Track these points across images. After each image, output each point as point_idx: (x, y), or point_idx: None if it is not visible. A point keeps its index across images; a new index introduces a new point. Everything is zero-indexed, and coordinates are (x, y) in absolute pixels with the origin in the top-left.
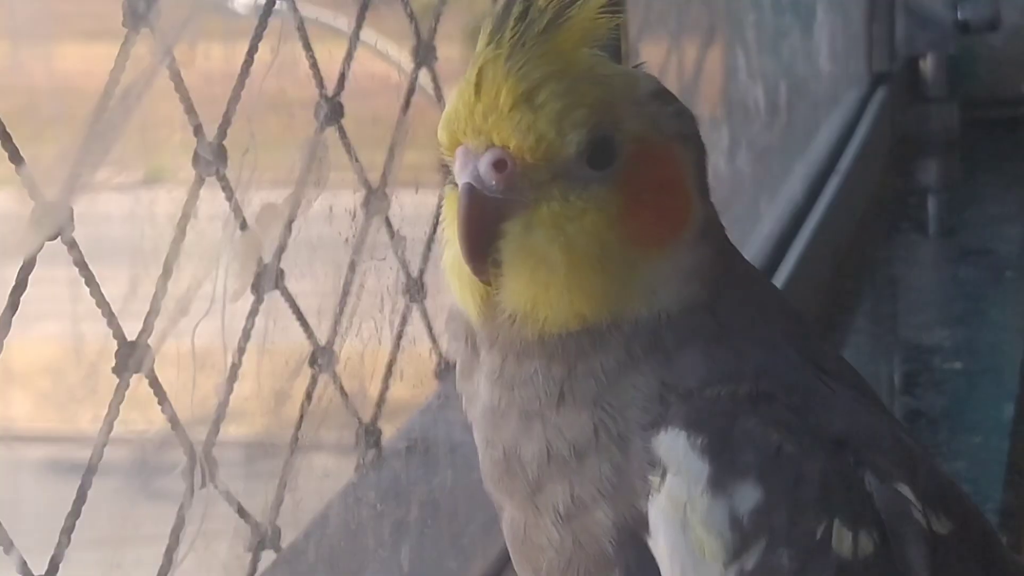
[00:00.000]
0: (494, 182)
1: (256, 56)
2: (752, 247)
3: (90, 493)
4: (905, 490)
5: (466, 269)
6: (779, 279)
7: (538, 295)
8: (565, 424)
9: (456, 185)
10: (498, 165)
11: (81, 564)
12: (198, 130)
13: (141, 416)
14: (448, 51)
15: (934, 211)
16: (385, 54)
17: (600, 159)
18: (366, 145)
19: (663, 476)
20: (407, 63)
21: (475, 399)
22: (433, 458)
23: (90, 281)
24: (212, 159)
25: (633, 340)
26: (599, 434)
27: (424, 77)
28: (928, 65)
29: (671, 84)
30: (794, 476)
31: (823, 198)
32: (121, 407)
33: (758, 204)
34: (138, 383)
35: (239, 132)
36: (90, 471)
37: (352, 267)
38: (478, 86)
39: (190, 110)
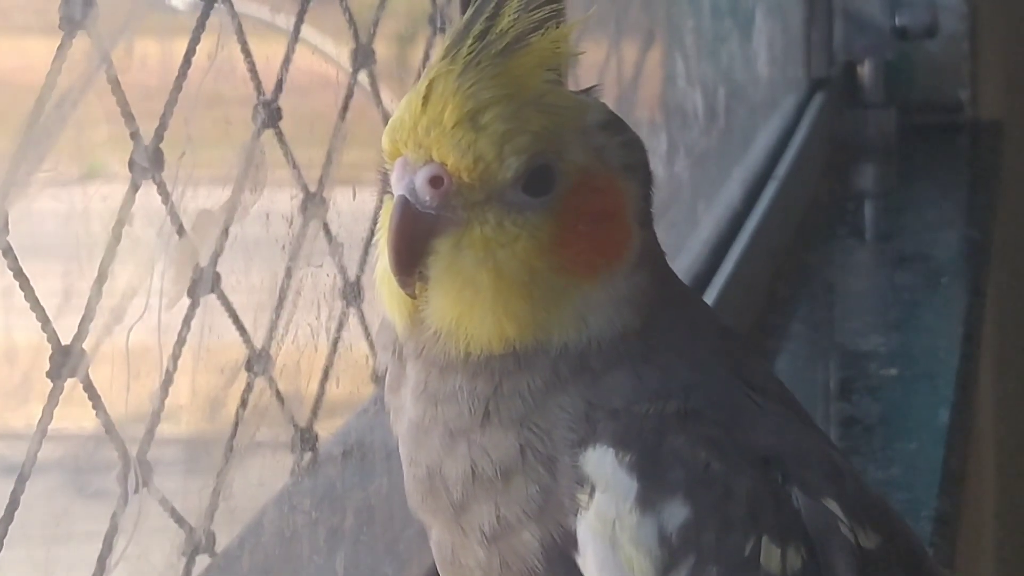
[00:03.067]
0: (428, 197)
1: (194, 58)
2: (690, 252)
3: (23, 497)
4: (833, 505)
5: (394, 281)
6: (716, 284)
7: (463, 315)
8: (490, 444)
9: (392, 195)
10: (434, 181)
11: (13, 563)
12: (135, 135)
13: (76, 417)
14: (387, 51)
15: (871, 217)
16: (325, 52)
17: (538, 186)
18: (305, 144)
19: (591, 494)
20: (346, 62)
21: (401, 413)
22: (369, 464)
23: (25, 286)
24: (148, 165)
25: (560, 362)
26: (525, 455)
27: (363, 79)
28: (866, 71)
29: (610, 88)
30: (722, 493)
31: (761, 203)
32: (55, 412)
33: (696, 209)
34: (73, 387)
35: (176, 134)
36: (23, 476)
37: (289, 271)
38: (426, 99)
39: (127, 115)
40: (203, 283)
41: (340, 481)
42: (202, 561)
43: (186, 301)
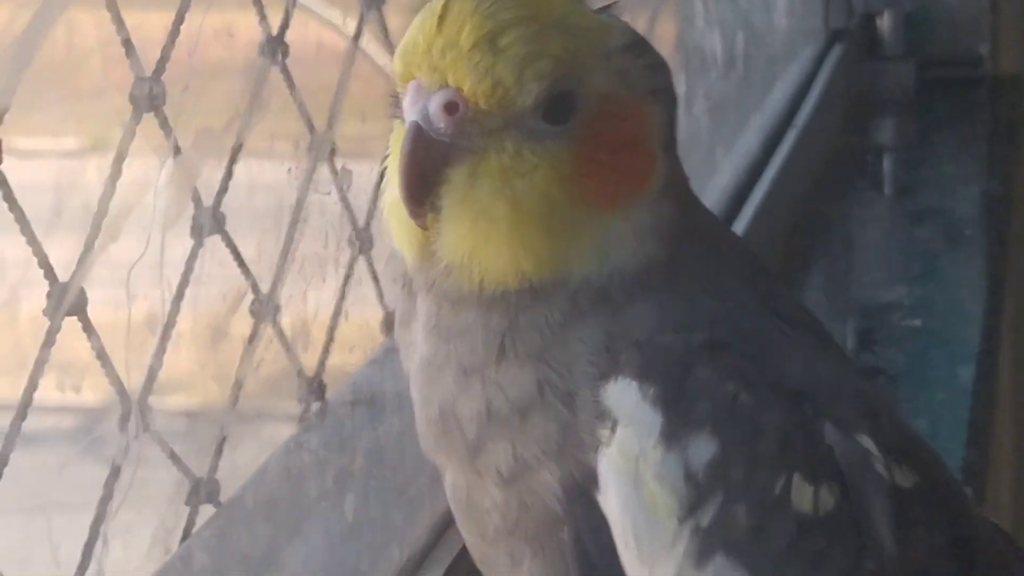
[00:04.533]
0: (443, 124)
1: None
2: (708, 199)
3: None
4: (867, 441)
5: (404, 211)
6: (736, 233)
7: (477, 248)
8: (506, 380)
9: (404, 121)
10: (449, 107)
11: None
12: (134, 63)
13: (75, 373)
14: None
15: (890, 170)
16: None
17: (558, 113)
18: (308, 90)
19: (613, 428)
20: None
21: (412, 350)
22: (379, 407)
23: (20, 219)
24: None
25: (580, 295)
26: (543, 391)
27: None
28: (885, 22)
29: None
30: (751, 428)
31: (779, 153)
32: (49, 367)
33: (714, 155)
34: (64, 349)
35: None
36: (18, 416)
37: (295, 212)
38: (442, 18)
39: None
40: (206, 221)
41: (349, 423)
42: (206, 511)
43: (189, 241)
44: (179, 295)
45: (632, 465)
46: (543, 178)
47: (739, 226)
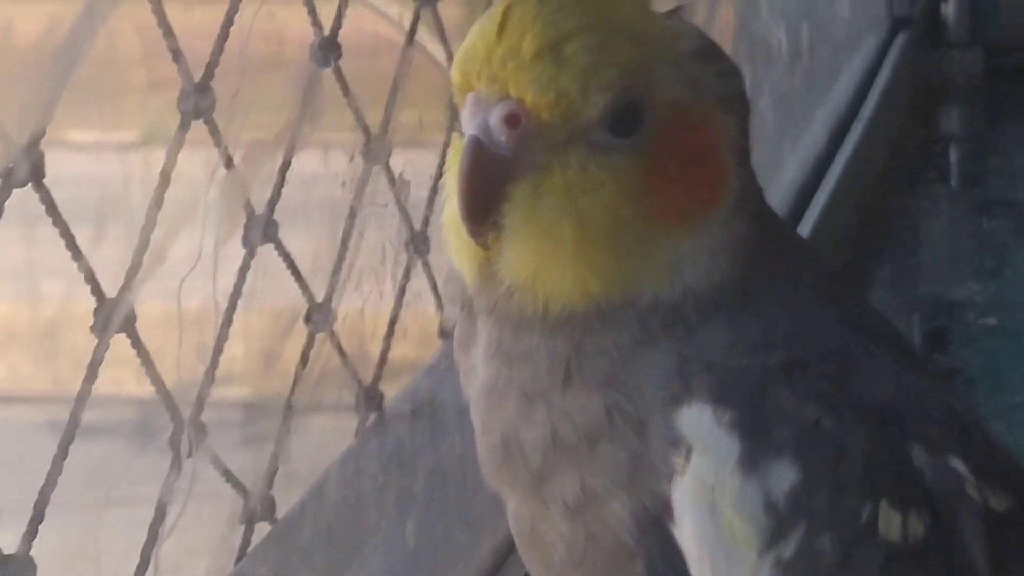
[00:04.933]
0: (504, 138)
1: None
2: (775, 196)
3: (75, 457)
4: (958, 464)
5: (464, 229)
6: (803, 230)
7: (541, 269)
8: (573, 407)
9: (463, 134)
10: (510, 119)
11: (61, 529)
12: (183, 70)
13: (128, 379)
14: None
15: (957, 161)
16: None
17: (626, 125)
18: (363, 96)
19: (687, 456)
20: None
21: (472, 375)
22: (440, 422)
23: (65, 233)
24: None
25: (650, 316)
26: (612, 418)
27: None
28: (950, 8)
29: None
30: (835, 453)
31: (846, 147)
32: (103, 370)
33: (780, 150)
34: (121, 345)
35: (228, 72)
36: (69, 432)
37: (351, 217)
38: (502, 25)
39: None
40: (258, 230)
41: (410, 441)
42: (262, 528)
43: (241, 250)
44: (231, 308)
45: (708, 494)
46: (610, 194)
47: (806, 224)
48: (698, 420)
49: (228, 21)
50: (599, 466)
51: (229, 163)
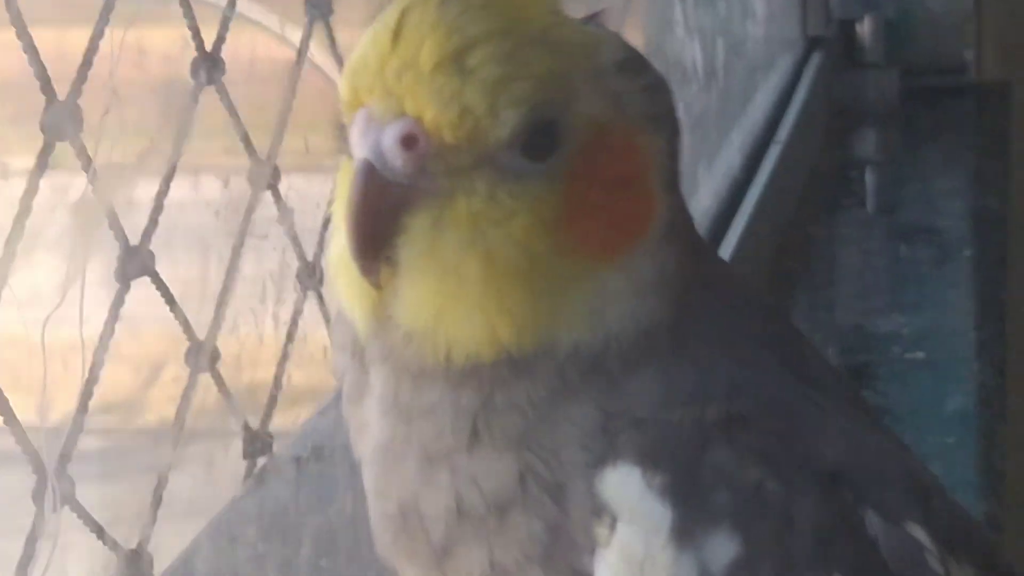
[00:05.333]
0: (400, 162)
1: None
2: None
3: None
4: (918, 531)
5: (354, 266)
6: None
7: (442, 312)
8: (481, 471)
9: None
10: (407, 141)
11: None
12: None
13: None
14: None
15: (873, 186)
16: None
17: (540, 147)
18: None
19: (612, 526)
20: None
21: (364, 431)
22: (329, 479)
23: None
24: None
25: (569, 366)
26: (526, 483)
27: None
28: (865, 29)
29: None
30: (780, 521)
31: (763, 171)
32: None
33: (696, 175)
34: None
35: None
36: None
37: (235, 249)
38: (397, 32)
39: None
40: (133, 262)
41: (294, 501)
42: None
43: (113, 285)
44: (102, 348)
45: (636, 570)
46: (522, 226)
47: (724, 252)
48: (624, 484)
49: (98, 34)
50: (511, 539)
51: (96, 188)
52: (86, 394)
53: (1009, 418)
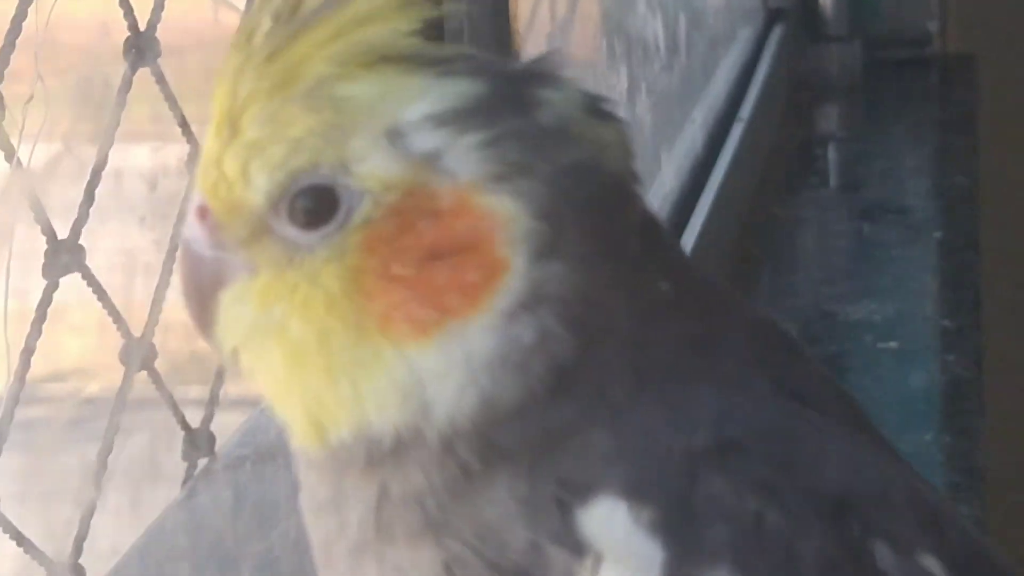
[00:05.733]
0: (196, 235)
1: None
2: (654, 207)
3: None
4: (931, 562)
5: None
6: (686, 244)
7: (275, 395)
8: (405, 561)
9: None
10: (200, 212)
11: None
12: None
13: None
14: None
15: (836, 162)
16: None
17: (315, 215)
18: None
19: (595, 566)
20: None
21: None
22: (271, 503)
23: None
24: None
25: (459, 446)
26: (452, 573)
27: None
28: (826, 0)
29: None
30: (782, 556)
31: (726, 150)
32: None
33: (659, 156)
34: None
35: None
36: None
37: (173, 239)
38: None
39: None
40: (62, 256)
41: (231, 529)
42: None
43: (40, 281)
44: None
45: None
46: (305, 301)
47: (689, 236)
48: (609, 520)
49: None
50: None
51: (20, 172)
52: (14, 394)
53: (988, 413)
